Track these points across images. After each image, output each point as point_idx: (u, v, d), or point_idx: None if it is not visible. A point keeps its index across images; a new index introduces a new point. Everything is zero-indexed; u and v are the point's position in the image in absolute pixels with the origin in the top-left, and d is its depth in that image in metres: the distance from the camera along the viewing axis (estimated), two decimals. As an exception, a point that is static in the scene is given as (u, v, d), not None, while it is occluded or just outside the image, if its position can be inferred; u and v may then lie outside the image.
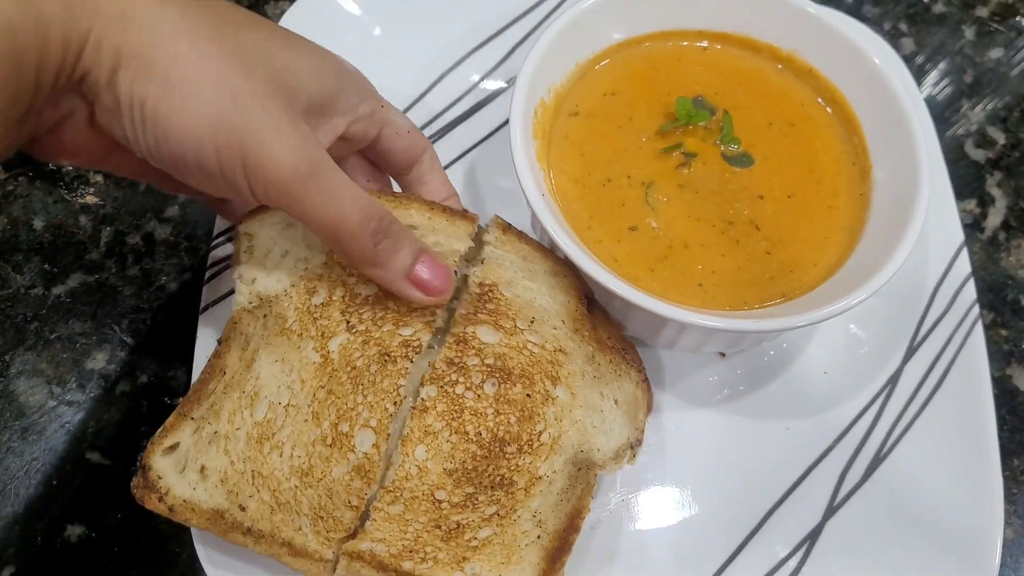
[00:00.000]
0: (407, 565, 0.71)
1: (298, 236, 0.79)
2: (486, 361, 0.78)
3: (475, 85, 1.06)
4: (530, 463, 0.77)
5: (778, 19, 0.96)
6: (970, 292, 0.95)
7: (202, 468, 0.72)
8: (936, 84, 1.18)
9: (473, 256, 0.84)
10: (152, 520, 0.82)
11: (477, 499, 0.75)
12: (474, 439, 0.76)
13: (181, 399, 0.74)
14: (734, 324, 0.79)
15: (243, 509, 0.71)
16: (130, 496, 0.81)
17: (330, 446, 0.73)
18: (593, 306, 0.84)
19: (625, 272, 0.84)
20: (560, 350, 0.81)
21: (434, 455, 0.75)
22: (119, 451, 0.86)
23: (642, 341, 0.91)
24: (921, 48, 1.21)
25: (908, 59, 1.19)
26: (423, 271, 0.75)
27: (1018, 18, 1.23)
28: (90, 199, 0.99)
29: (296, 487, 0.72)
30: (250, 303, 0.79)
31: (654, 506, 0.86)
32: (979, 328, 0.93)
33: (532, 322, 0.81)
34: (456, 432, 0.76)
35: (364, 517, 0.74)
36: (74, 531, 0.82)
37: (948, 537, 0.84)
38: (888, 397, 0.92)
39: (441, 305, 0.78)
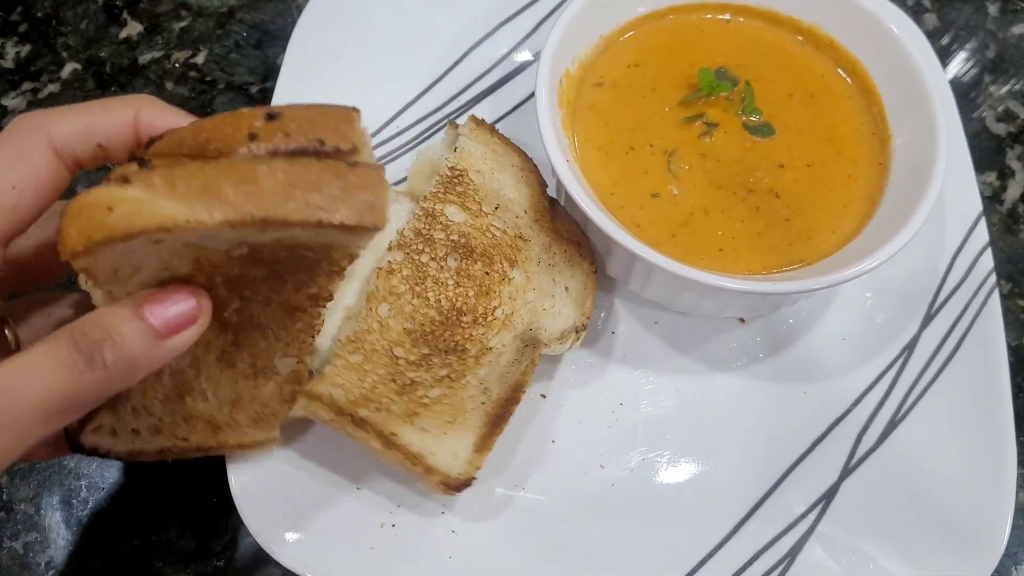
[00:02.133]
0: (362, 412, 0.77)
1: (147, 253, 0.61)
2: (451, 237, 0.85)
3: (503, 58, 1.09)
4: (482, 334, 0.83)
5: (800, -10, 0.98)
6: (987, 261, 0.96)
7: (132, 430, 0.73)
8: (958, 59, 1.19)
9: (449, 144, 0.91)
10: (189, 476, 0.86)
11: (431, 360, 0.81)
12: (434, 305, 0.83)
13: None
14: (754, 286, 0.81)
15: (185, 440, 0.74)
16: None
17: (252, 376, 0.74)
18: (555, 205, 0.91)
19: (647, 237, 0.87)
20: (520, 236, 0.88)
21: (396, 314, 0.82)
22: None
23: (662, 305, 0.94)
24: (944, 24, 1.22)
25: (931, 35, 1.19)
26: (161, 314, 0.60)
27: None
28: (131, 167, 1.02)
29: (230, 412, 0.75)
30: None
31: (673, 465, 0.88)
32: (996, 297, 0.94)
33: (496, 208, 0.88)
34: (418, 296, 0.83)
35: (321, 362, 0.80)
36: (112, 480, 0.86)
37: (961, 499, 0.86)
38: (905, 363, 0.93)
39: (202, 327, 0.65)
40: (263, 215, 0.53)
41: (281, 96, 1.01)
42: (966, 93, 1.15)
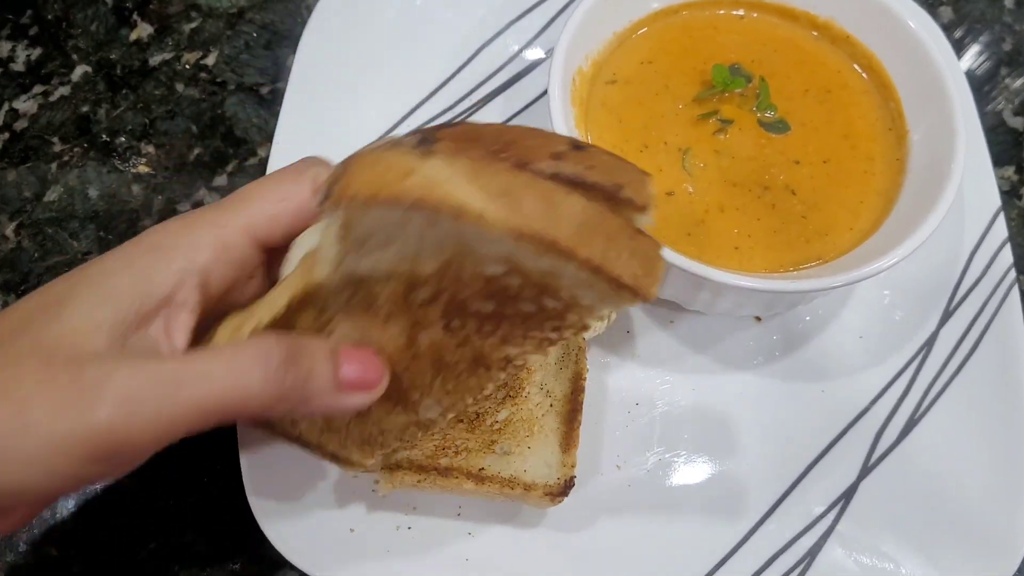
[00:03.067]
0: (444, 461, 0.77)
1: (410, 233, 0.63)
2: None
3: (515, 55, 1.08)
4: None
5: (814, -15, 0.97)
6: (1007, 257, 0.95)
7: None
8: (975, 53, 1.18)
9: None
10: (202, 476, 0.86)
11: None
12: None
13: None
14: (770, 285, 0.81)
15: (293, 424, 0.72)
16: (187, 454, 0.85)
17: (393, 403, 0.70)
18: None
19: (662, 236, 0.85)
20: None
21: None
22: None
23: (678, 305, 0.93)
24: (960, 17, 1.20)
25: (947, 28, 1.18)
26: (350, 372, 0.62)
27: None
28: (142, 169, 1.02)
29: (350, 422, 0.72)
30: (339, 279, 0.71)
31: (690, 465, 0.87)
32: (1015, 293, 0.93)
33: None
34: None
35: None
36: (126, 483, 0.86)
37: (982, 498, 0.85)
38: (923, 361, 0.93)
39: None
40: (554, 238, 0.52)
41: (293, 96, 1.00)
42: (982, 87, 1.14)
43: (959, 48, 1.17)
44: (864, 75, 0.96)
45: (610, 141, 0.91)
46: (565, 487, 0.77)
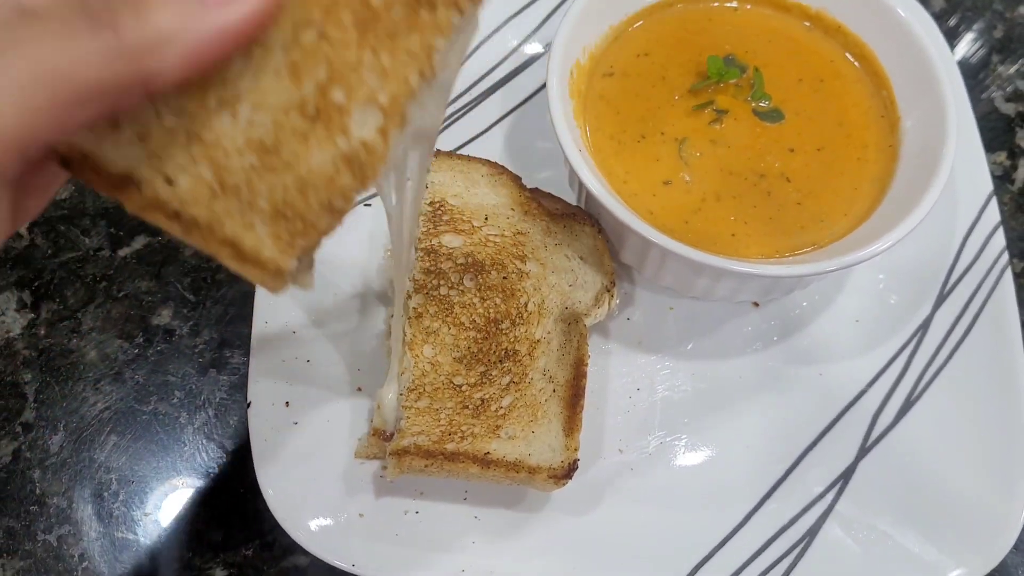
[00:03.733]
0: (450, 446, 0.80)
1: None
2: (458, 261, 0.88)
3: (514, 50, 1.10)
4: (525, 331, 0.86)
5: (806, -23, 0.99)
6: (999, 240, 0.97)
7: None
8: (966, 40, 1.19)
9: None
10: (217, 469, 0.88)
11: (491, 374, 0.84)
12: (470, 326, 0.86)
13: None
14: (767, 269, 0.83)
15: (169, 183, 0.49)
16: (196, 438, 0.87)
17: (312, 119, 0.49)
18: (535, 191, 0.94)
19: (661, 224, 0.88)
20: (518, 232, 0.90)
21: (441, 349, 0.85)
22: (185, 401, 0.91)
23: (676, 291, 0.95)
24: (951, 5, 1.22)
25: (939, 17, 1.20)
26: None
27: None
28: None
29: (252, 166, 0.49)
30: None
31: (691, 449, 0.89)
32: (1008, 275, 0.95)
33: (486, 218, 0.91)
34: (453, 325, 0.86)
35: (398, 419, 0.82)
36: (145, 472, 0.88)
37: (977, 476, 0.87)
38: (919, 344, 0.94)
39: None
40: None
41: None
42: (974, 74, 1.16)
43: (951, 36, 1.19)
44: (856, 64, 0.98)
45: (608, 131, 0.93)
46: (569, 470, 0.79)
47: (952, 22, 1.21)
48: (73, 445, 0.89)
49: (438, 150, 0.93)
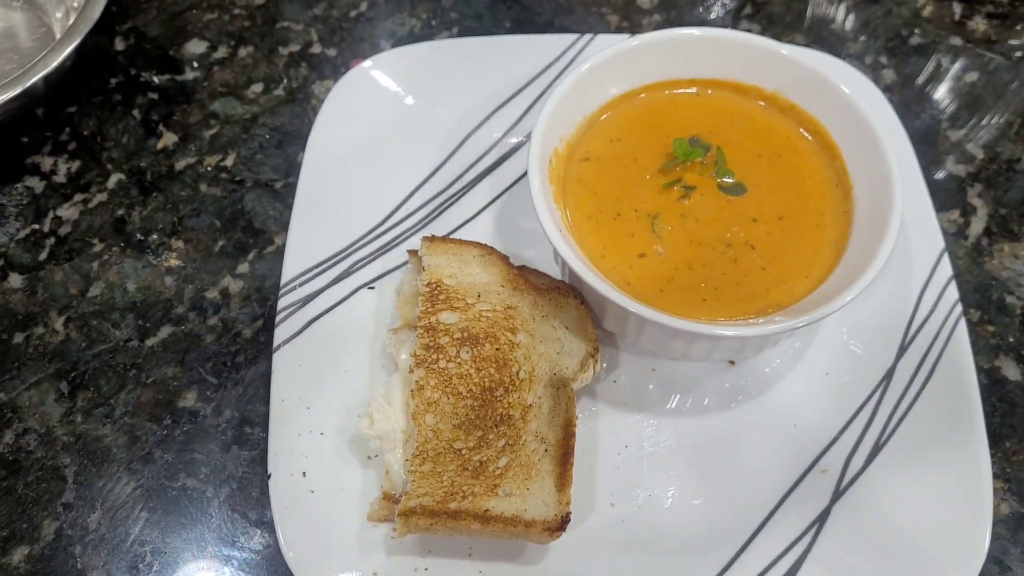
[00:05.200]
0: (452, 505, 0.87)
1: None
2: (455, 336, 0.96)
3: (497, 141, 1.20)
4: (518, 397, 0.94)
5: (760, 63, 1.08)
6: (952, 293, 1.05)
7: None
8: (917, 108, 1.29)
9: (417, 269, 1.02)
10: (242, 537, 0.96)
11: (488, 438, 0.92)
12: (467, 395, 0.93)
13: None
14: (735, 331, 0.90)
15: None
16: (222, 510, 0.95)
17: None
18: (523, 268, 1.03)
19: (637, 293, 0.96)
20: (509, 307, 0.99)
21: (441, 417, 0.92)
22: (212, 475, 0.99)
23: (656, 353, 1.03)
24: (902, 77, 1.32)
25: (890, 88, 1.30)
26: None
27: (991, 44, 1.35)
28: (173, 262, 1.14)
29: None
30: None
31: (678, 499, 0.96)
32: (962, 324, 1.03)
33: (479, 296, 0.99)
34: (452, 395, 0.93)
35: (404, 483, 0.90)
36: (176, 543, 0.95)
37: (944, 511, 0.93)
38: (884, 391, 1.02)
39: None
40: None
41: (303, 189, 1.13)
42: (927, 139, 1.25)
43: (902, 105, 1.28)
44: (810, 138, 1.07)
45: (586, 212, 1.03)
46: (562, 522, 0.87)
47: (903, 91, 1.31)
48: (109, 522, 0.97)
49: (433, 235, 1.03)
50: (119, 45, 1.35)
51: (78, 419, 1.03)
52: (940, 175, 1.22)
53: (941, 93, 1.31)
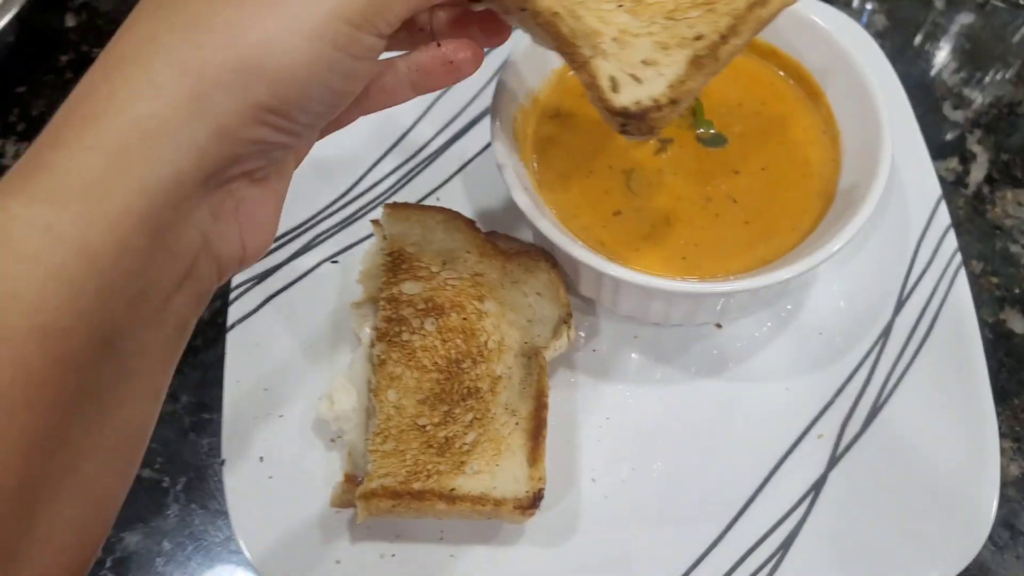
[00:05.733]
0: (416, 485, 0.81)
1: None
2: (418, 307, 0.90)
3: (469, 103, 1.14)
4: (486, 369, 0.88)
5: (738, 7, 1.02)
6: (951, 243, 0.98)
7: (644, 61, 0.69)
8: (911, 54, 1.22)
9: (381, 239, 0.97)
10: (201, 528, 0.90)
11: (454, 413, 0.85)
12: (432, 368, 0.88)
13: None
14: (715, 287, 0.84)
15: (697, 39, 0.69)
16: (179, 502, 0.89)
17: None
18: (491, 233, 0.97)
19: (612, 252, 0.90)
20: (475, 273, 0.93)
21: (404, 393, 0.86)
22: (168, 465, 0.94)
23: (636, 318, 0.97)
24: (893, 21, 1.25)
25: (882, 35, 1.24)
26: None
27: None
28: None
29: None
30: None
31: (664, 473, 0.90)
32: (962, 275, 0.96)
33: (444, 263, 0.93)
34: (416, 368, 0.87)
35: (366, 463, 0.83)
36: (132, 538, 0.90)
37: (948, 474, 0.87)
38: (882, 349, 0.95)
39: None
40: None
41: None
42: (922, 85, 1.18)
43: (895, 50, 1.22)
44: (793, 83, 1.01)
45: (557, 170, 0.96)
46: (534, 499, 0.81)
47: (895, 36, 1.24)
48: (60, 516, 0.91)
49: (394, 202, 0.97)
50: (70, 21, 1.29)
51: (27, 410, 0.97)
52: (937, 122, 1.15)
53: (936, 37, 1.24)
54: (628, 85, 0.68)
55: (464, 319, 0.90)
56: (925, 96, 1.17)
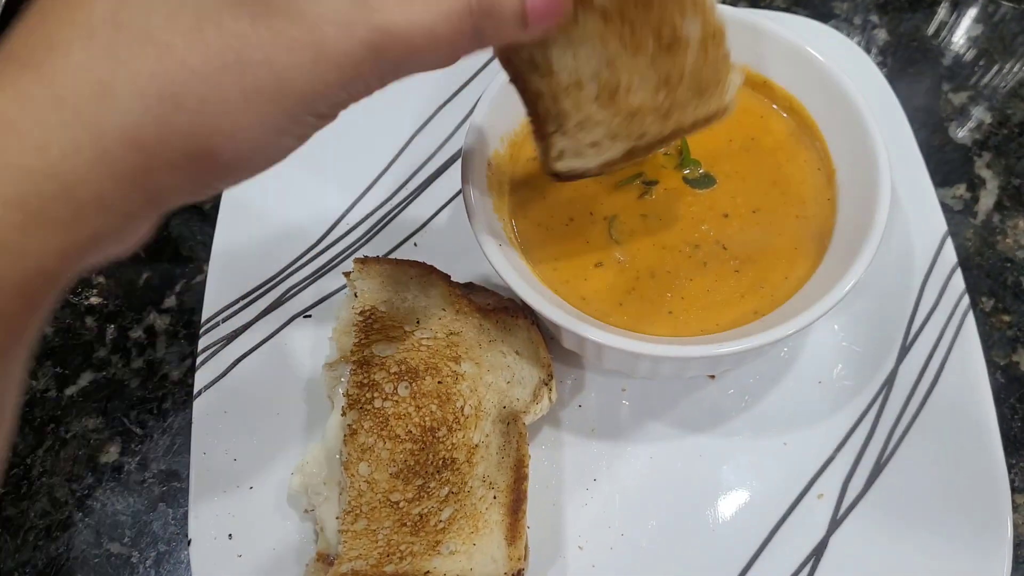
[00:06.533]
0: (389, 568, 0.76)
1: None
2: (391, 371, 0.86)
3: (442, 144, 1.09)
4: (463, 437, 0.83)
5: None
6: (958, 283, 0.92)
7: (591, 144, 0.75)
8: (914, 72, 1.15)
9: (352, 295, 0.91)
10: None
11: (429, 487, 0.81)
12: (406, 438, 0.83)
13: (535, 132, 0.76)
14: (704, 350, 0.79)
15: (644, 135, 0.75)
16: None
17: (667, 50, 0.70)
18: (468, 286, 0.93)
19: (594, 309, 0.85)
20: (451, 333, 0.88)
21: (377, 466, 0.82)
22: (138, 538, 0.90)
23: (624, 373, 0.92)
24: (895, 37, 1.19)
25: (884, 51, 1.17)
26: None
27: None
28: (94, 300, 1.04)
29: (667, 94, 0.73)
30: None
31: (655, 537, 0.85)
32: (970, 318, 0.90)
33: (418, 322, 0.89)
34: (389, 439, 0.83)
35: (339, 542, 0.79)
36: (100, 620, 0.86)
37: (955, 536, 0.82)
38: (885, 400, 0.90)
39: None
40: None
41: (226, 210, 1.02)
42: (926, 106, 1.12)
43: (896, 68, 1.15)
44: (786, 116, 0.95)
45: (535, 219, 0.91)
46: None
47: (897, 52, 1.17)
48: (26, 598, 0.88)
49: (366, 256, 0.92)
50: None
51: (-9, 483, 0.94)
52: (942, 146, 1.09)
53: (941, 51, 1.17)
54: (570, 158, 0.77)
55: (439, 382, 0.85)
56: (929, 118, 1.11)
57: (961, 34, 1.18)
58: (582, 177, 0.79)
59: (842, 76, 0.89)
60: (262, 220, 1.03)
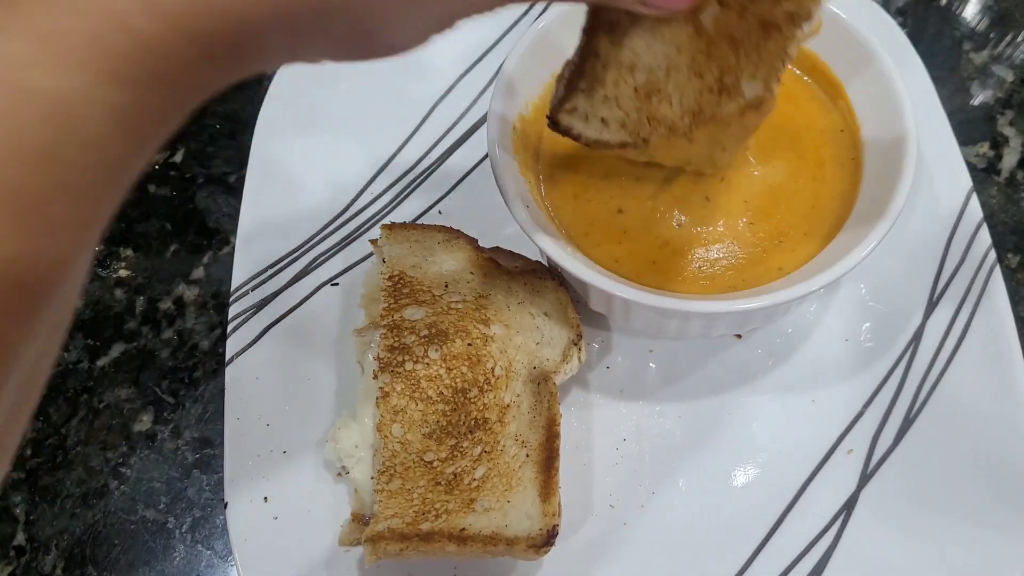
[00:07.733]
0: (425, 526, 0.77)
1: None
2: (421, 334, 0.86)
3: (466, 111, 1.09)
4: (494, 397, 0.84)
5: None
6: (984, 238, 0.93)
7: (601, 120, 0.77)
8: (935, 31, 1.15)
9: (380, 262, 0.92)
10: (207, 571, 0.88)
11: (462, 446, 0.82)
12: (438, 399, 0.84)
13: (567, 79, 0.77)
14: (732, 306, 0.79)
15: (645, 141, 0.77)
16: (185, 543, 0.86)
17: (718, 92, 0.73)
18: (495, 249, 0.93)
19: (626, 270, 0.86)
20: (480, 296, 0.89)
21: (409, 427, 0.83)
22: (173, 504, 0.91)
23: (651, 335, 0.92)
24: (915, -2, 1.19)
25: (903, 11, 1.17)
26: None
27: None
28: (123, 273, 1.05)
29: (690, 122, 0.75)
30: None
31: (686, 495, 0.86)
32: (997, 273, 0.90)
33: (447, 285, 0.89)
34: (421, 400, 0.84)
35: (373, 502, 0.80)
36: (139, 584, 0.88)
37: (986, 489, 0.82)
38: (913, 356, 0.90)
39: None
40: None
41: (252, 181, 1.03)
42: (948, 65, 1.12)
43: (917, 28, 1.15)
44: (806, 78, 0.95)
45: (565, 183, 0.91)
46: (548, 537, 0.77)
47: (918, 12, 1.17)
48: (65, 564, 0.89)
49: (392, 222, 0.92)
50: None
51: (27, 452, 0.95)
52: (965, 104, 1.08)
53: (962, 10, 1.16)
54: (577, 119, 0.78)
55: (469, 345, 0.86)
56: (951, 76, 1.10)
57: (980, -6, 1.18)
58: (572, 138, 0.79)
59: (865, 32, 0.89)
60: (288, 191, 1.04)
